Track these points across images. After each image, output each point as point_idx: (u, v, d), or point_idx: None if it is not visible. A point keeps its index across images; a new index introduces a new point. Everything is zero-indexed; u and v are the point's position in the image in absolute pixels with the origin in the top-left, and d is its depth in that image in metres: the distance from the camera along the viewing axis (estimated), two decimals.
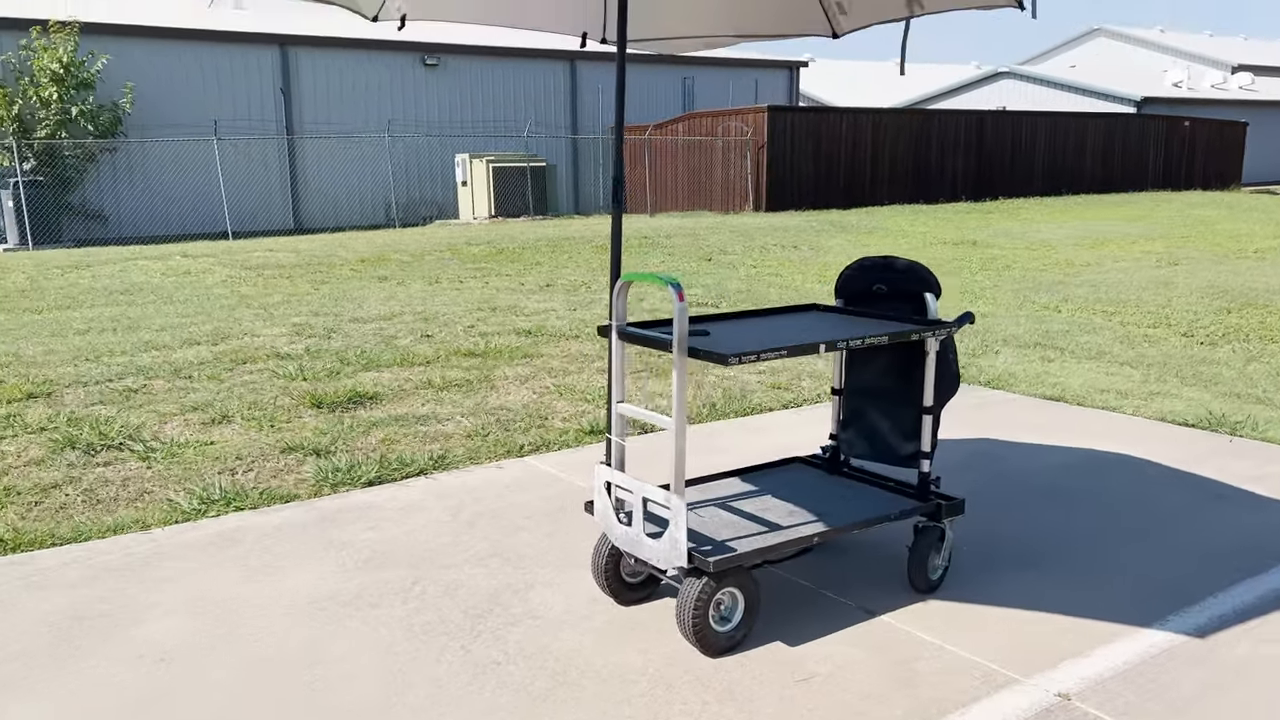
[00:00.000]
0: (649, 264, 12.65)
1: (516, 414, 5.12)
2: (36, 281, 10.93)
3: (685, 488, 3.19)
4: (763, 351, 2.55)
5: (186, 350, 6.60)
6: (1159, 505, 3.80)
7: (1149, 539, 3.47)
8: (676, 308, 2.52)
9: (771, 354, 2.56)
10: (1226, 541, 3.44)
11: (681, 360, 2.56)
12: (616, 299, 2.81)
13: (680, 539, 2.58)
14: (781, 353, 2.59)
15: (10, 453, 4.46)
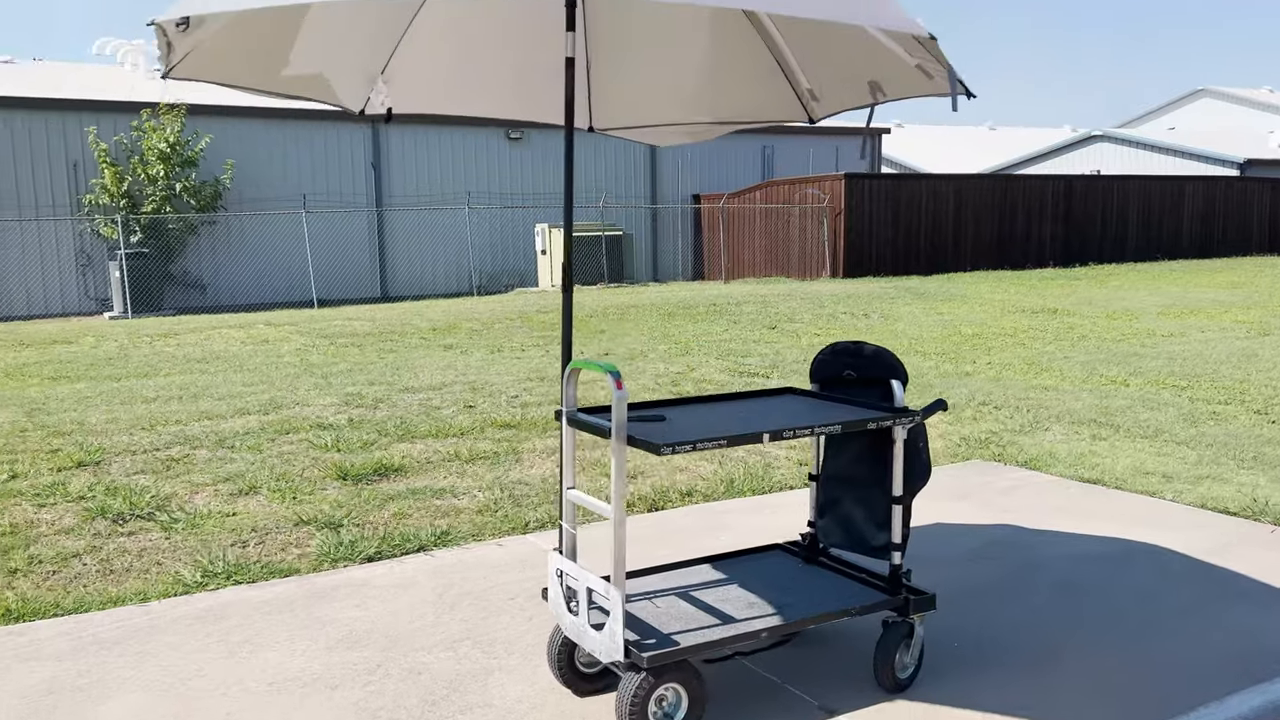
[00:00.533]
0: (710, 331, 12.65)
1: (533, 489, 5.15)
2: (126, 349, 11.52)
3: (653, 574, 3.15)
4: (698, 441, 2.52)
5: (237, 420, 6.84)
6: (1172, 601, 3.59)
7: (1152, 639, 3.27)
8: (615, 396, 2.52)
9: (708, 443, 2.53)
10: (1235, 644, 3.22)
11: (620, 448, 2.55)
12: (566, 385, 2.82)
13: (617, 632, 2.54)
14: (721, 442, 2.56)
15: (45, 521, 4.67)
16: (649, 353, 10.87)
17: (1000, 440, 6.28)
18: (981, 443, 6.22)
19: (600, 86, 3.73)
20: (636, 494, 5.04)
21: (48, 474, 5.45)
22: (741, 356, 10.37)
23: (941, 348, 11.20)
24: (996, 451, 5.97)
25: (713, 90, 3.56)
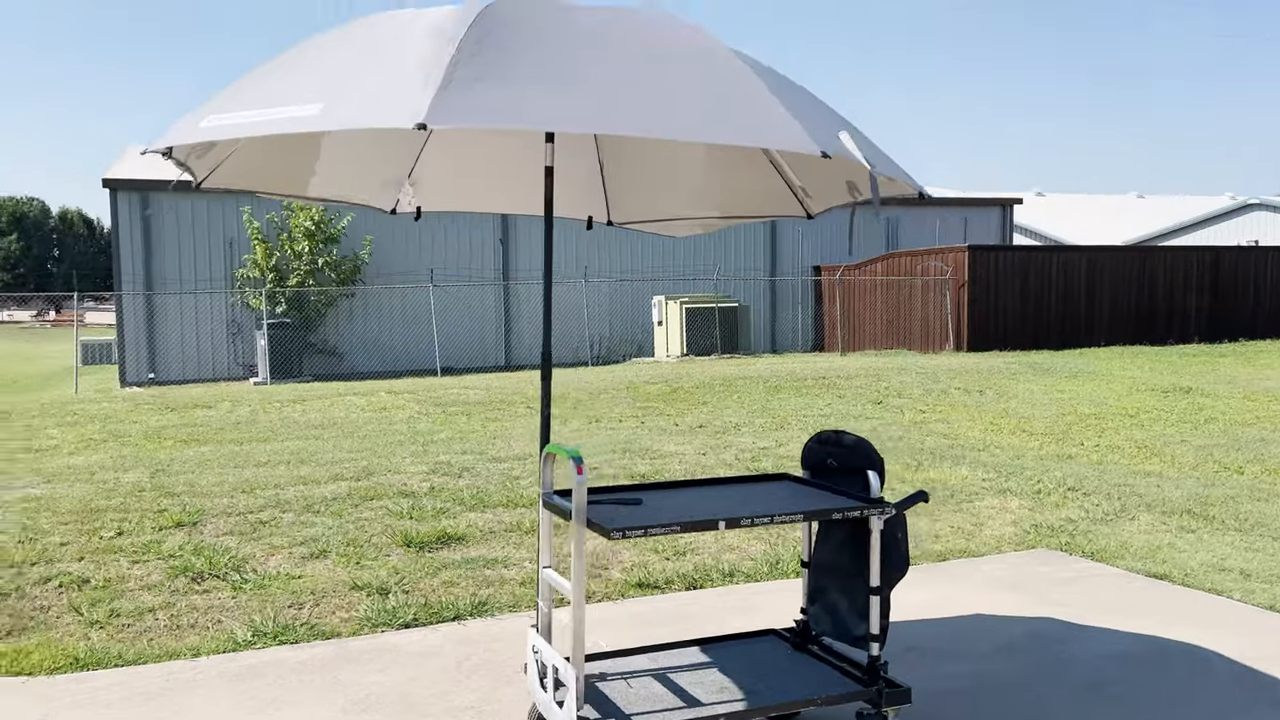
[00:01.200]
0: (813, 406, 12.58)
1: None
2: (256, 415, 12.34)
3: (639, 655, 3.24)
4: (650, 526, 2.63)
5: (330, 485, 7.27)
6: (1203, 710, 3.40)
7: None
8: (575, 481, 2.66)
9: (660, 530, 2.64)
10: None
11: (580, 530, 2.68)
12: (543, 468, 2.98)
13: (570, 711, 2.65)
14: (674, 528, 2.65)
15: (134, 576, 5.10)
16: (744, 426, 10.90)
17: (1076, 529, 6.04)
18: (1054, 530, 6.01)
19: (615, 185, 3.94)
20: (676, 572, 5.11)
21: (149, 532, 5.93)
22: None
23: (1051, 427, 10.80)
24: (1066, 540, 5.76)
25: (718, 188, 3.71)
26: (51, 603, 4.72)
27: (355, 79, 2.10)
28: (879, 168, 2.47)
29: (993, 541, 5.79)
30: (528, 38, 2.20)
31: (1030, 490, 7.18)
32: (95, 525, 6.11)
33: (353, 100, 2.02)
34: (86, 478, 7.88)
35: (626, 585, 4.91)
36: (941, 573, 5.16)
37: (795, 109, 2.27)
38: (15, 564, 5.30)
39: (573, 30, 2.29)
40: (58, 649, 4.10)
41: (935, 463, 8.37)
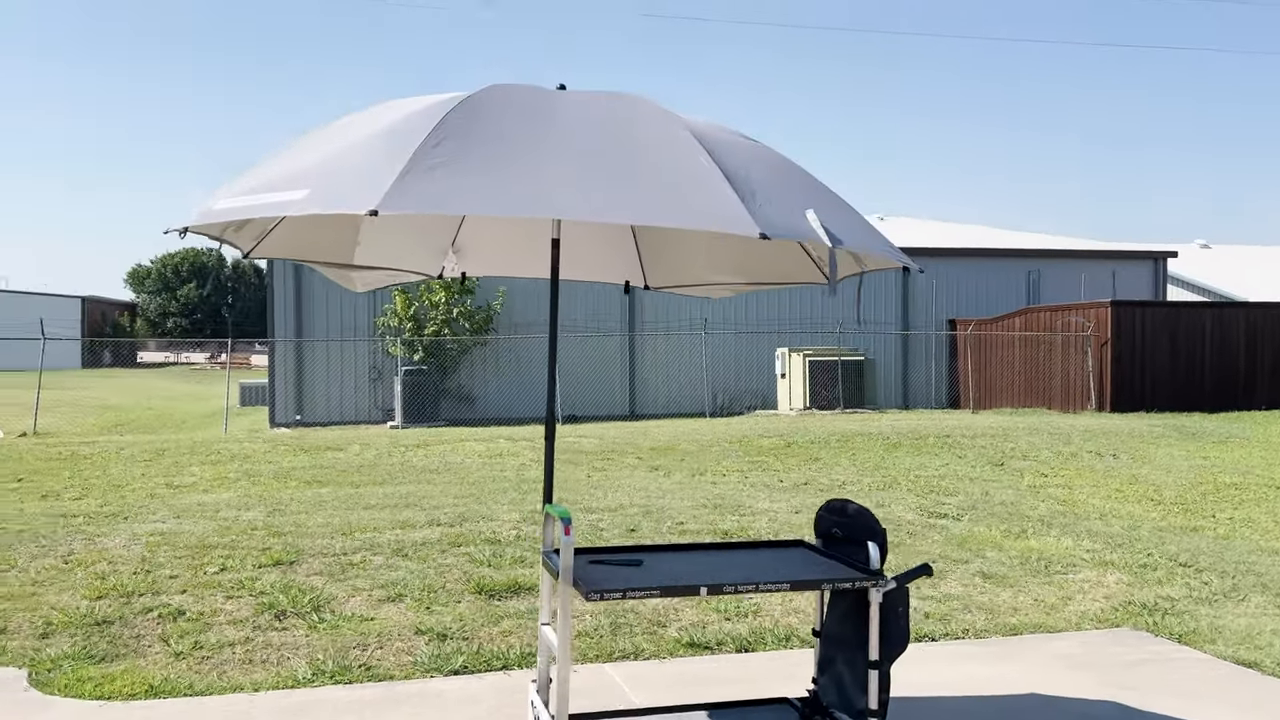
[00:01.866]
0: (928, 466, 12.22)
1: (641, 618, 5.34)
2: (380, 458, 12.93)
3: (649, 715, 3.28)
4: (629, 589, 2.69)
5: (424, 530, 7.57)
6: None
7: None
8: (563, 541, 2.76)
9: (638, 593, 2.69)
10: None
11: (565, 589, 2.77)
12: (545, 527, 3.08)
13: None
14: (654, 592, 2.71)
15: (225, 610, 5.47)
16: (850, 485, 10.71)
17: (1173, 608, 5.69)
18: (1148, 609, 5.67)
19: (648, 253, 4.05)
20: (731, 634, 5.09)
21: (249, 569, 6.33)
22: (946, 495, 9.98)
23: (1182, 496, 10.17)
24: (1157, 620, 5.43)
25: (743, 255, 3.76)
26: (147, 632, 5.11)
27: (342, 165, 2.31)
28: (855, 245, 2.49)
29: (1074, 618, 5.52)
30: (494, 126, 2.37)
31: (1135, 564, 6.79)
32: (204, 560, 6.56)
33: (331, 187, 2.22)
34: (211, 515, 8.46)
35: (678, 644, 4.94)
36: (1007, 647, 4.96)
37: (750, 191, 2.33)
38: (126, 594, 5.76)
39: (541, 117, 2.43)
40: (139, 676, 4.45)
41: (1039, 530, 8.02)
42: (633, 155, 2.36)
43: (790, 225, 2.31)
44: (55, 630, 5.10)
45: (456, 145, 2.24)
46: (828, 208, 2.57)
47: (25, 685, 4.33)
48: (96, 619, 5.27)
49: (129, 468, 12.06)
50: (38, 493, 10.07)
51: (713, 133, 2.66)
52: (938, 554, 6.99)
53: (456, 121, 2.34)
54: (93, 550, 6.84)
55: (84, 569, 6.30)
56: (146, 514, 8.51)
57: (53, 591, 5.78)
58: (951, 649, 4.94)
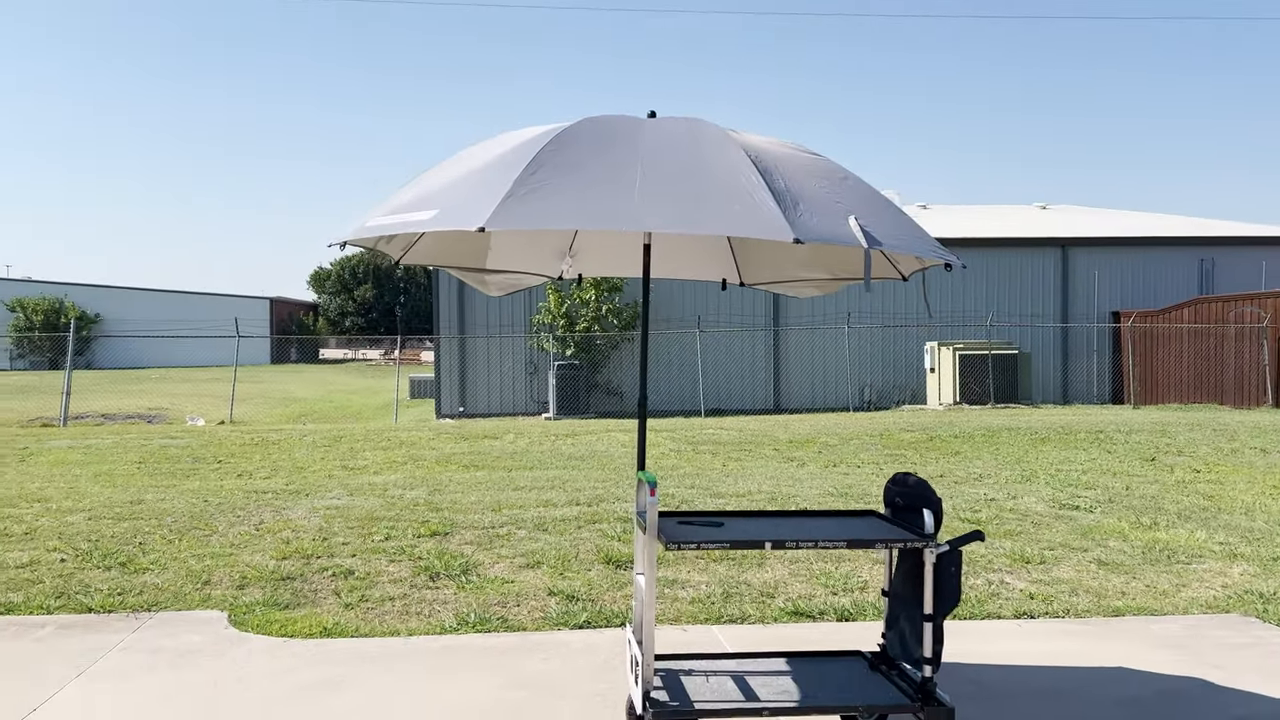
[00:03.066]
0: (1073, 460, 12.04)
1: (753, 589, 5.77)
2: (532, 446, 13.78)
3: (730, 659, 3.74)
4: (702, 542, 3.15)
5: (565, 509, 8.22)
6: None
7: None
8: (648, 501, 3.25)
9: (711, 545, 3.15)
10: None
11: (650, 541, 3.26)
12: (638, 491, 3.58)
13: (636, 692, 3.21)
14: (724, 544, 3.16)
15: (388, 572, 6.23)
16: (987, 478, 10.74)
17: None
18: (1265, 598, 5.67)
19: (741, 252, 4.46)
20: (833, 605, 5.46)
21: (410, 539, 7.12)
22: (1084, 489, 9.89)
23: None
24: (1271, 609, 5.44)
25: (826, 254, 4.11)
26: (322, 587, 5.92)
27: (461, 190, 2.86)
28: (893, 246, 2.86)
29: (1184, 603, 5.60)
30: (580, 154, 2.86)
31: (1267, 557, 6.71)
32: (371, 530, 7.40)
33: (451, 209, 2.77)
34: (379, 493, 9.39)
35: (783, 612, 5.34)
36: (1106, 627, 5.12)
37: (794, 202, 2.73)
38: (306, 556, 6.62)
39: (620, 144, 2.91)
40: (315, 620, 5.22)
41: (1174, 523, 7.94)
42: (692, 174, 2.80)
43: (827, 230, 2.70)
44: (249, 583, 5.98)
45: (547, 173, 2.75)
46: (875, 214, 2.94)
47: (226, 624, 5.17)
48: (281, 575, 6.12)
49: (311, 452, 13.32)
50: (234, 472, 11.34)
51: (770, 148, 3.07)
52: (1058, 543, 7.09)
53: (549, 152, 2.86)
54: (279, 520, 7.80)
55: (272, 535, 7.24)
56: (324, 491, 9.52)
57: (246, 553, 6.70)
58: (1048, 625, 5.15)
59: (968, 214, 28.80)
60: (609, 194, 2.70)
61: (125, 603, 5.56)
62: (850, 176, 3.18)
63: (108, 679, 4.35)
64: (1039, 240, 23.82)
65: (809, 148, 3.34)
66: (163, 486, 10.01)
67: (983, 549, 6.86)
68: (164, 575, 6.13)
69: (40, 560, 6.47)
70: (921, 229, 3.16)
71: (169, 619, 5.26)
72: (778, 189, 2.78)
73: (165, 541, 7.03)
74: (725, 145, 2.99)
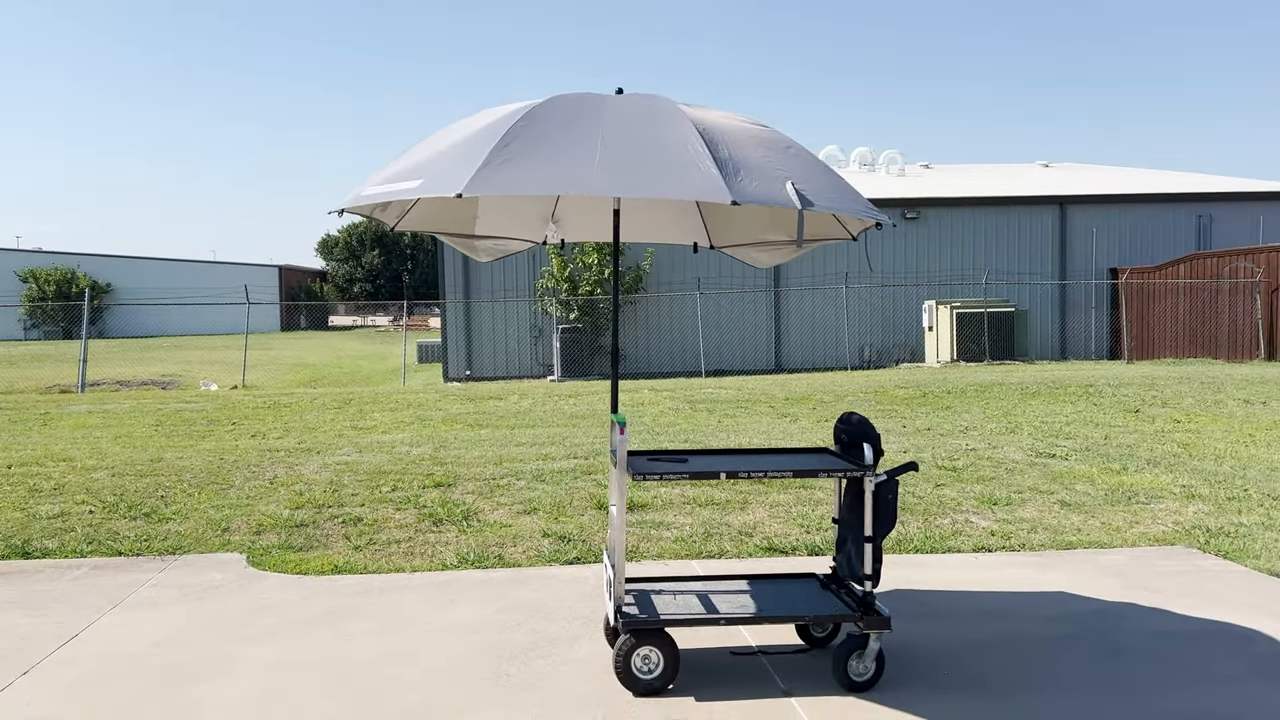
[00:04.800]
0: (1059, 413, 12.42)
1: (731, 529, 6.20)
2: (535, 406, 14.21)
3: (696, 581, 4.16)
4: (665, 473, 3.56)
5: (562, 462, 8.65)
6: (1195, 676, 3.75)
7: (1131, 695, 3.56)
8: (618, 439, 3.65)
9: (674, 476, 3.56)
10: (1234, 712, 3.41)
11: (620, 474, 3.66)
12: (611, 431, 3.98)
13: (608, 603, 3.63)
14: (684, 476, 3.56)
15: (394, 519, 6.68)
16: (973, 430, 11.13)
17: (1240, 532, 6.06)
18: (1213, 534, 6.07)
19: (710, 217, 4.83)
20: (805, 542, 5.88)
21: (415, 489, 7.56)
22: (1064, 439, 10.28)
23: None
24: (1214, 542, 5.84)
25: (785, 218, 4.46)
26: (333, 532, 6.37)
27: (445, 159, 3.23)
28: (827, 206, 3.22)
29: (1134, 538, 6.00)
30: (548, 128, 3.23)
31: (1223, 498, 7.10)
32: (379, 483, 7.84)
33: (437, 175, 3.14)
34: (387, 450, 9.84)
35: (758, 548, 5.77)
36: (1056, 559, 5.53)
37: (735, 169, 3.10)
38: (318, 506, 7.07)
39: (585, 119, 3.27)
40: (326, 560, 5.67)
41: (1143, 468, 8.33)
42: (645, 145, 3.15)
43: (763, 193, 3.06)
44: (265, 529, 6.43)
45: (520, 144, 3.12)
46: (811, 179, 3.29)
47: (245, 564, 5.62)
48: (295, 523, 6.57)
49: (321, 414, 13.78)
50: (248, 433, 11.80)
51: (720, 122, 3.43)
52: (1028, 487, 7.49)
53: (523, 127, 3.22)
54: (292, 475, 8.25)
55: (285, 488, 7.69)
56: (335, 449, 9.97)
57: (262, 504, 7.16)
58: (1002, 558, 5.56)
59: (969, 173, 28.95)
60: (572, 163, 3.06)
61: (151, 547, 6.02)
62: (794, 146, 3.53)
63: (141, 609, 4.80)
64: (1037, 199, 24.01)
65: (760, 121, 3.70)
66: (180, 447, 10.48)
67: (953, 492, 7.27)
68: (186, 524, 6.58)
69: (70, 512, 6.94)
70: (856, 193, 3.51)
71: (193, 560, 5.72)
72: (721, 157, 3.15)
73: (185, 495, 7.49)
74: (677, 119, 3.35)
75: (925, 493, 7.29)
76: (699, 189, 2.97)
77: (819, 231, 4.40)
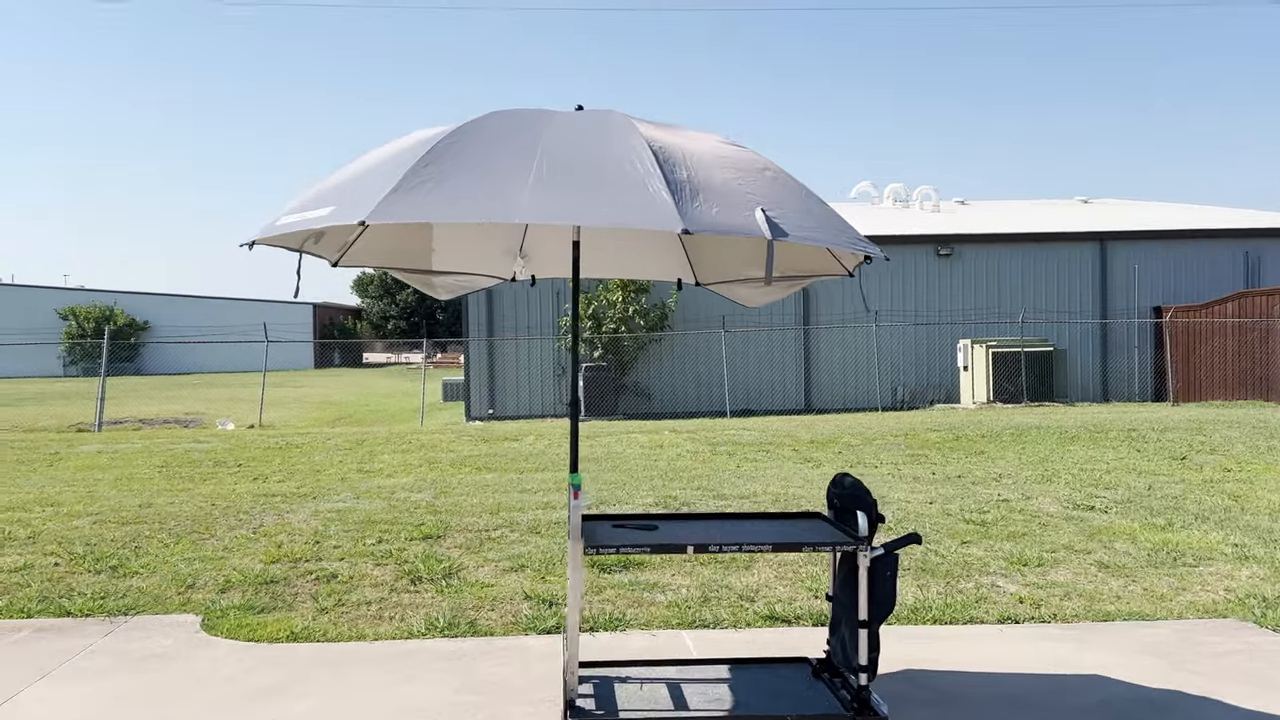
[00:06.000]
0: (1099, 460, 11.72)
1: (732, 592, 5.66)
2: (549, 449, 13.75)
3: (676, 666, 3.64)
4: (622, 545, 3.06)
5: (563, 511, 8.15)
6: None
7: None
8: (571, 505, 3.17)
9: (631, 549, 3.06)
10: None
11: (574, 546, 3.17)
12: (570, 495, 3.50)
13: (559, 706, 3.13)
14: (645, 549, 3.07)
15: (371, 576, 6.22)
16: (1006, 478, 10.48)
17: None
18: (1267, 602, 5.43)
19: (694, 251, 4.35)
20: (812, 610, 5.32)
21: (401, 542, 7.10)
22: (1104, 489, 9.61)
23: None
24: (1271, 614, 5.20)
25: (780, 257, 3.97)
26: (303, 590, 5.92)
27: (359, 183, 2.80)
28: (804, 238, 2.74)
29: (1180, 608, 5.38)
30: (480, 148, 2.79)
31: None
32: (365, 534, 7.40)
33: (344, 205, 2.71)
34: (386, 496, 9.40)
35: (759, 616, 5.23)
36: (1091, 632, 4.94)
37: (693, 192, 2.63)
38: (295, 559, 6.63)
39: (524, 137, 2.83)
40: (285, 625, 5.21)
41: (1190, 524, 7.67)
42: (586, 165, 2.70)
43: (725, 221, 2.59)
44: (232, 586, 5.99)
45: (443, 165, 2.69)
46: (788, 206, 2.82)
47: (197, 628, 5.18)
48: (266, 579, 6.13)
49: (330, 455, 13.42)
50: (250, 476, 11.45)
51: (681, 141, 2.97)
52: (1062, 545, 6.87)
53: (446, 145, 2.79)
54: (279, 523, 7.84)
55: (267, 539, 7.27)
56: (333, 494, 9.56)
57: (238, 556, 6.73)
58: (1031, 630, 4.98)
59: (1005, 209, 28.29)
60: (498, 187, 2.62)
61: (104, 606, 5.60)
62: (772, 168, 3.06)
63: (70, 681, 4.37)
64: (1076, 234, 23.31)
65: (737, 142, 3.23)
66: (176, 490, 10.13)
67: (980, 550, 6.67)
68: (150, 579, 6.17)
69: (34, 564, 6.56)
70: (843, 222, 3.03)
71: (143, 623, 5.29)
72: (676, 179, 2.68)
73: (161, 545, 7.09)
74: (627, 136, 2.89)
75: (949, 550, 6.70)
76: (644, 215, 2.51)
77: (807, 266, 3.90)
